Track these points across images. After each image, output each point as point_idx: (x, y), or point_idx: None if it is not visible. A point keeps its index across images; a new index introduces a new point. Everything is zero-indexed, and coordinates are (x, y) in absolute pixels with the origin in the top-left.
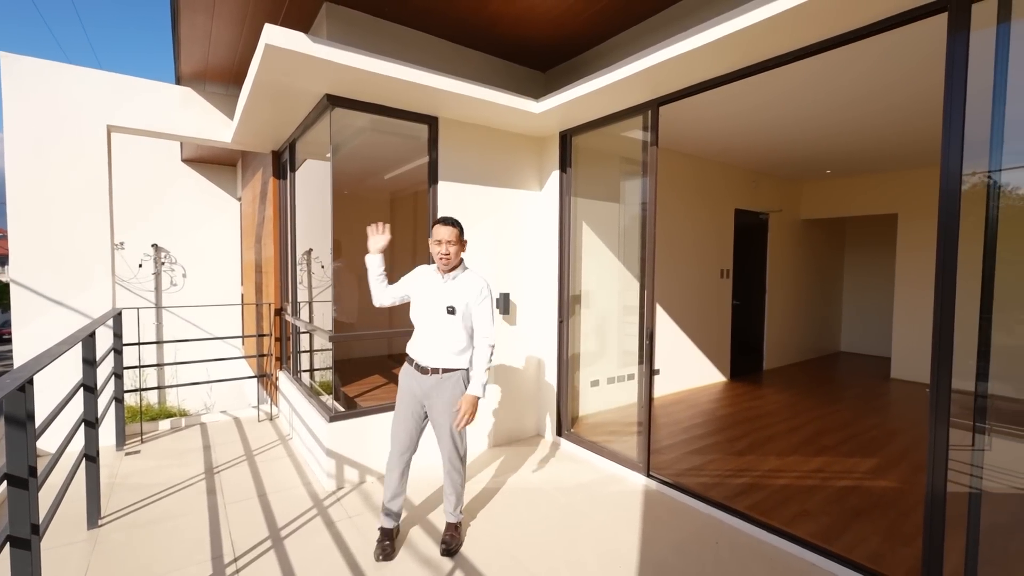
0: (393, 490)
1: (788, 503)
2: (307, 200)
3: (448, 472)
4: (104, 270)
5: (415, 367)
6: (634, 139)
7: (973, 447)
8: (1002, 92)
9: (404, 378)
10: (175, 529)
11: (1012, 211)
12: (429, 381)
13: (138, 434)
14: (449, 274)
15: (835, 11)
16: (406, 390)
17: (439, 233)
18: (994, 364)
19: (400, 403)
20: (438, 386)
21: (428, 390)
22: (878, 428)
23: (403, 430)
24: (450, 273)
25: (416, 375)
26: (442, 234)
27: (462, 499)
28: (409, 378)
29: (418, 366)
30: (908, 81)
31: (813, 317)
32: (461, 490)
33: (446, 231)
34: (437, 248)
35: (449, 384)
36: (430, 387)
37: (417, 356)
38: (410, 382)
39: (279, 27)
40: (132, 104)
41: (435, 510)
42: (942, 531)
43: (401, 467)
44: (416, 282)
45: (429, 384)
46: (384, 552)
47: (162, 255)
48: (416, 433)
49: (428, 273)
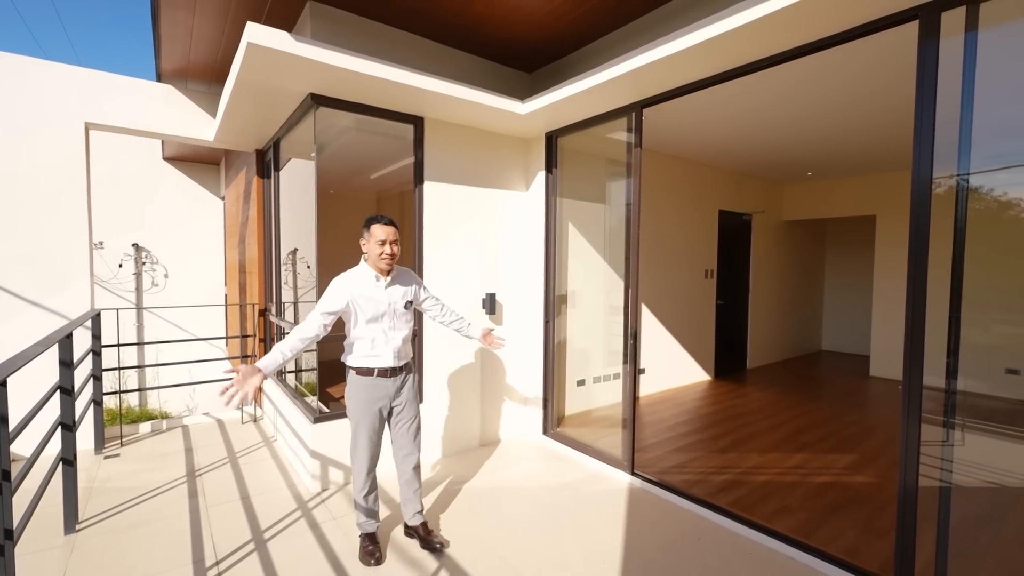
0: (371, 501)
1: (769, 499)
2: (292, 200)
3: (414, 469)
4: (82, 270)
5: (378, 374)
6: (619, 140)
7: (944, 443)
8: (970, 98)
9: (364, 391)
10: (155, 533)
11: (980, 213)
12: (397, 382)
13: (118, 437)
14: (389, 276)
15: (812, 17)
16: (368, 403)
17: (384, 233)
18: (964, 361)
19: (363, 420)
20: (404, 381)
21: (396, 390)
22: (856, 425)
23: (374, 444)
24: (390, 275)
25: (381, 383)
26: (387, 234)
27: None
28: (371, 389)
29: (384, 371)
30: (888, 89)
31: (795, 317)
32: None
33: (391, 231)
34: (381, 248)
35: (411, 376)
36: (398, 387)
37: (380, 362)
38: (373, 393)
39: (262, 25)
40: (111, 101)
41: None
42: (914, 525)
43: (372, 479)
44: (352, 295)
45: (397, 384)
46: (376, 558)
47: (143, 255)
48: (380, 445)
49: (362, 281)
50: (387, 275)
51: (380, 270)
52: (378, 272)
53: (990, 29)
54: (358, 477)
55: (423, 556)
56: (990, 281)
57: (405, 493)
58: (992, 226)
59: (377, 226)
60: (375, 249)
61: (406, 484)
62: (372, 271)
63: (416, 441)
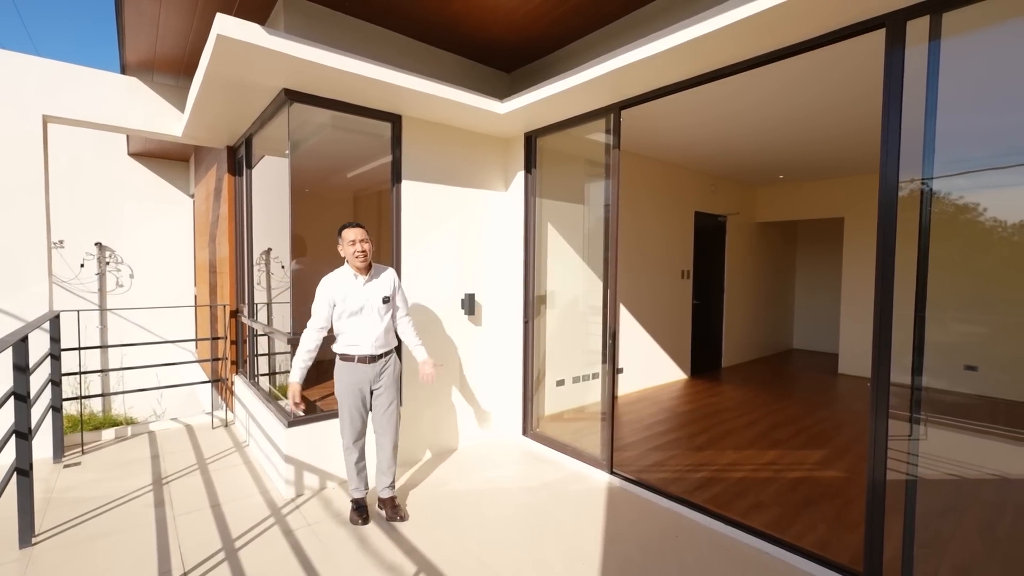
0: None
1: (744, 495)
2: (265, 198)
3: (393, 446)
4: (40, 270)
5: (358, 360)
6: (597, 142)
7: (909, 437)
8: (933, 104)
9: (346, 375)
10: (118, 544)
11: (944, 216)
12: (376, 368)
13: (79, 445)
14: (368, 274)
15: (783, 23)
16: (350, 385)
17: (353, 234)
18: (928, 359)
19: (345, 403)
20: (384, 368)
21: (376, 376)
22: (827, 421)
23: (358, 419)
24: (369, 273)
25: (361, 368)
26: (356, 234)
27: None
28: (352, 374)
29: (363, 358)
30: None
31: (768, 316)
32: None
33: (359, 231)
34: (353, 248)
35: (391, 364)
36: (377, 372)
37: (360, 350)
38: (353, 377)
39: (233, 17)
40: (71, 94)
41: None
42: (882, 517)
43: (360, 450)
44: (336, 294)
45: (377, 370)
46: (363, 519)
47: (107, 254)
48: (365, 421)
49: (343, 280)
50: (365, 273)
51: (358, 268)
52: (356, 271)
53: (952, 39)
54: (346, 449)
55: (403, 561)
56: (951, 281)
57: (380, 466)
58: (952, 228)
59: (347, 230)
60: (348, 249)
61: (382, 460)
62: (351, 271)
63: (393, 423)
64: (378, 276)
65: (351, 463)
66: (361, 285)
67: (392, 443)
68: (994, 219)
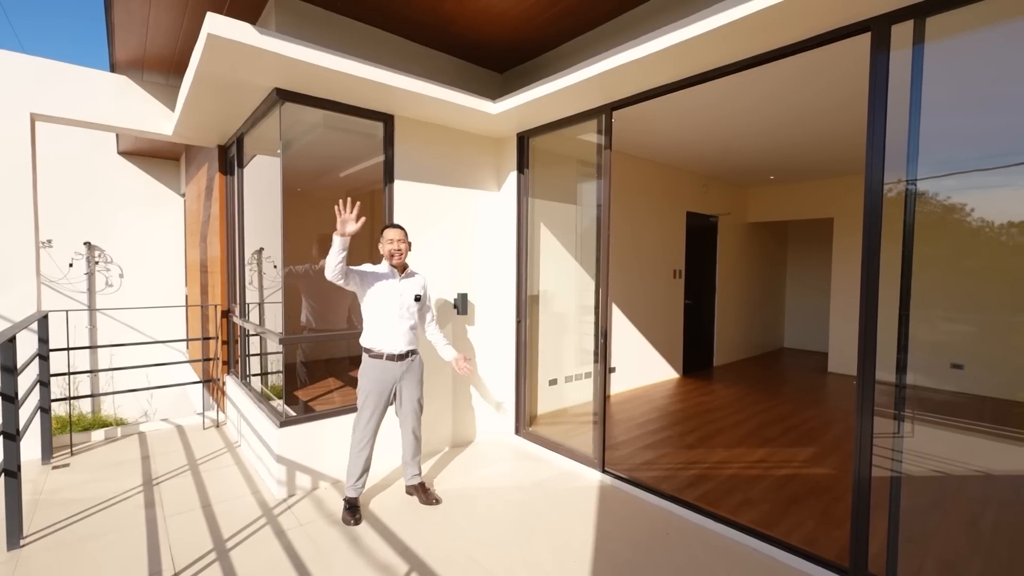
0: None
1: (733, 492)
2: (257, 197)
3: (416, 439)
4: (27, 269)
5: (386, 358)
6: (589, 142)
7: (895, 434)
8: (917, 107)
9: (372, 372)
10: (108, 546)
11: (927, 217)
12: (403, 365)
13: (67, 446)
14: (404, 273)
15: (773, 26)
16: (376, 382)
17: (392, 234)
18: (913, 357)
19: (369, 399)
20: (410, 367)
21: (402, 373)
22: (816, 419)
23: (377, 417)
24: (404, 272)
25: (388, 365)
26: (395, 235)
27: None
28: (379, 371)
29: (390, 356)
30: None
31: (759, 315)
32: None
33: (399, 232)
34: (389, 246)
35: (417, 363)
36: (404, 370)
37: (388, 347)
38: (381, 374)
39: (223, 16)
40: (60, 91)
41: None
42: (867, 514)
43: (372, 450)
44: (374, 274)
45: (403, 368)
46: (355, 519)
47: (96, 254)
48: (380, 422)
49: (382, 273)
50: (401, 271)
51: (393, 265)
52: (392, 267)
53: (936, 42)
54: (357, 447)
55: (395, 561)
56: (937, 281)
57: (406, 457)
58: (938, 229)
59: (388, 230)
60: (387, 247)
61: (407, 451)
62: (388, 266)
63: (417, 415)
64: (411, 277)
65: (359, 461)
66: (397, 281)
67: (416, 434)
68: (980, 220)
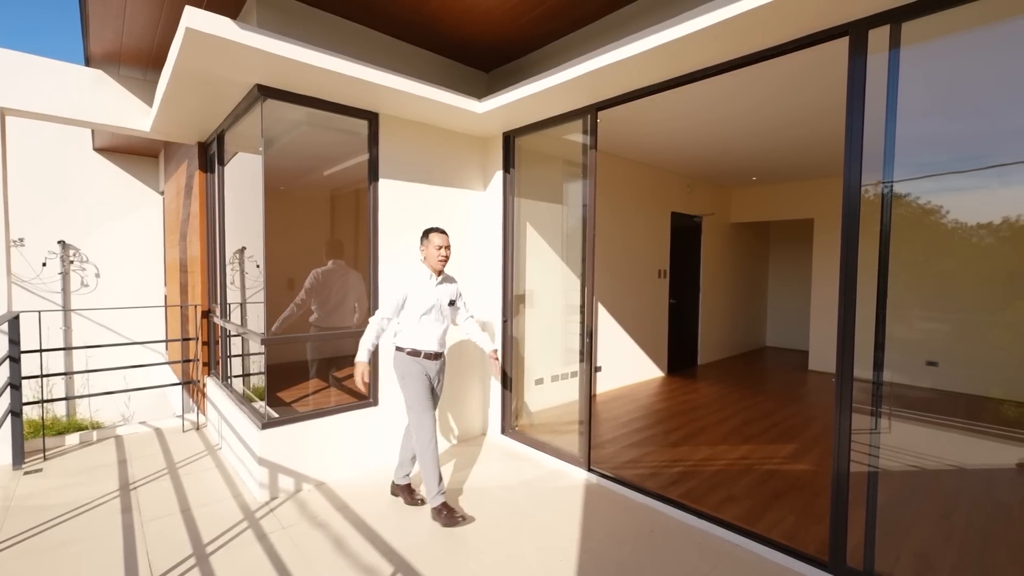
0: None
1: (717, 489)
2: (239, 196)
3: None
4: None
5: (424, 356)
6: (575, 142)
7: (872, 431)
8: (893, 111)
9: (415, 366)
10: (82, 553)
11: (907, 218)
12: (438, 364)
13: (40, 450)
14: (439, 277)
15: (754, 29)
16: (420, 376)
17: (440, 240)
18: (890, 355)
19: (422, 389)
20: (442, 366)
21: (436, 372)
22: (797, 416)
23: (431, 412)
24: (439, 277)
25: (426, 363)
26: (442, 240)
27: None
28: (420, 365)
29: (428, 354)
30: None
31: (742, 315)
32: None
33: (445, 238)
34: (438, 252)
35: (445, 364)
36: (438, 369)
37: (426, 346)
38: (422, 368)
39: (202, 10)
40: (32, 85)
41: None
42: (846, 508)
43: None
44: (411, 290)
45: (438, 367)
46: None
47: (71, 253)
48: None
49: (419, 279)
50: (439, 275)
51: (435, 270)
52: (432, 271)
53: (912, 47)
54: (429, 443)
55: (379, 562)
56: (913, 280)
57: (405, 456)
58: (914, 229)
59: (434, 234)
60: (433, 252)
61: (409, 450)
62: (427, 271)
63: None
64: (447, 281)
65: (435, 457)
66: (434, 286)
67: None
68: (955, 221)
